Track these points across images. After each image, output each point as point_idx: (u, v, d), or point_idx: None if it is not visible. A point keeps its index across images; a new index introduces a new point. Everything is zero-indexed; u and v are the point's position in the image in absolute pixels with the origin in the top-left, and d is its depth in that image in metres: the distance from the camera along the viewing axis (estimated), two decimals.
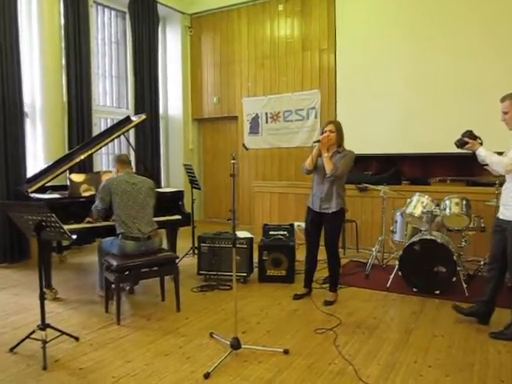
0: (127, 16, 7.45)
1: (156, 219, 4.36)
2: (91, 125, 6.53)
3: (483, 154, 3.28)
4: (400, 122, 6.32)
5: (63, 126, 6.25)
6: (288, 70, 7.39)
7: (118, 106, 7.60)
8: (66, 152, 5.45)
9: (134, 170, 4.20)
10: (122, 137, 4.86)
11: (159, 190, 4.77)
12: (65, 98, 6.25)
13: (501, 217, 3.26)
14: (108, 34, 7.54)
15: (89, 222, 4.02)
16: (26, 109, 5.94)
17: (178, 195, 4.76)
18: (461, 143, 3.43)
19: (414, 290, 4.19)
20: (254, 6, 7.60)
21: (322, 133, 3.94)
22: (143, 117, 4.92)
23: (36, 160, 5.97)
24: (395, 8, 6.30)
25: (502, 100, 3.24)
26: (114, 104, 7.63)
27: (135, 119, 4.89)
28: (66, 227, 3.90)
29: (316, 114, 7.09)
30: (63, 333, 3.17)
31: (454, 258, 4.03)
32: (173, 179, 8.39)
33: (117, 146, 7.54)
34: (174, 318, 3.67)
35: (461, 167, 6.08)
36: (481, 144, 3.38)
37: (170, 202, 4.63)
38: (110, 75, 7.58)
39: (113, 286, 3.61)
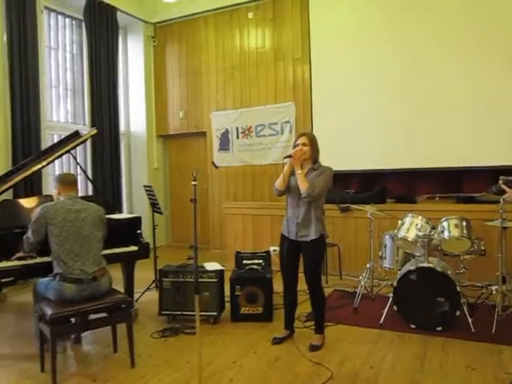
0: (83, 24, 6.79)
1: (107, 252, 3.69)
2: (40, 142, 5.78)
3: None
4: (382, 136, 5.84)
5: (6, 143, 5.48)
6: (260, 82, 6.86)
7: (73, 122, 6.87)
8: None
9: (79, 194, 3.48)
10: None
11: (112, 216, 4.07)
12: (8, 113, 5.49)
13: None
14: (62, 43, 6.85)
15: (20, 259, 3.26)
16: None
17: (135, 222, 4.06)
18: (498, 190, 2.93)
19: (412, 326, 3.62)
20: (222, 13, 7.07)
21: (294, 147, 3.35)
22: (93, 131, 4.25)
23: None
24: (374, 15, 5.87)
25: None
26: (70, 119, 6.91)
27: (85, 134, 4.20)
28: None
29: (291, 129, 6.56)
30: None
31: (457, 288, 3.48)
32: (136, 203, 7.64)
33: (72, 166, 6.79)
34: (127, 377, 2.96)
35: (448, 183, 5.64)
36: None
37: (124, 231, 3.92)
38: (65, 88, 6.88)
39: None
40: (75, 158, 4.26)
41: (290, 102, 6.59)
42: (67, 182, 3.18)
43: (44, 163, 3.93)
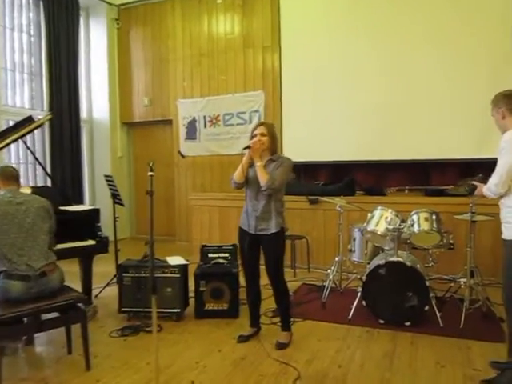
0: (41, 3, 6.38)
1: (63, 246, 3.46)
2: None
3: (486, 192, 2.70)
4: (352, 127, 5.75)
5: None
6: (228, 69, 6.64)
7: (31, 107, 6.47)
8: None
9: (27, 188, 3.21)
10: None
11: (69, 208, 3.82)
12: None
13: (502, 236, 2.68)
14: (19, 24, 6.43)
15: None
16: None
17: (93, 215, 3.82)
18: (471, 188, 2.86)
19: (381, 321, 3.55)
20: None
21: (252, 137, 3.18)
22: (48, 116, 3.99)
23: None
24: (346, 1, 5.74)
25: None
26: (27, 105, 6.51)
27: (39, 119, 3.91)
28: None
29: (260, 118, 6.38)
30: None
31: (426, 283, 3.42)
32: (99, 194, 7.30)
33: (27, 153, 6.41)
34: (81, 381, 2.75)
35: (417, 175, 5.63)
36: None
37: (82, 224, 3.68)
38: (22, 71, 6.46)
39: None
40: (27, 146, 3.95)
41: (259, 91, 6.42)
42: (7, 175, 2.93)
43: None
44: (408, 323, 3.46)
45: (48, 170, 6.45)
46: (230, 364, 2.96)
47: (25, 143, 3.92)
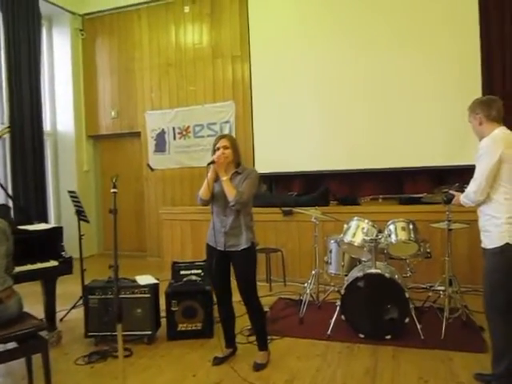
0: None
1: (22, 269, 3.22)
2: None
3: (464, 200, 2.65)
4: (324, 136, 5.71)
5: None
6: (197, 80, 6.51)
7: None
8: None
9: None
10: None
11: (28, 227, 3.57)
12: None
13: (482, 245, 2.62)
14: None
15: None
16: None
17: (55, 234, 3.58)
18: (449, 198, 2.81)
19: (361, 336, 3.44)
20: (156, 6, 6.66)
21: (214, 151, 3.05)
22: (6, 129, 3.73)
23: None
24: (315, 11, 5.72)
25: None
26: None
27: None
28: None
29: (230, 129, 6.27)
30: None
31: (406, 295, 3.34)
32: (65, 210, 6.98)
33: None
34: None
35: (390, 184, 5.63)
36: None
37: (43, 244, 3.44)
38: None
39: None
40: None
41: (230, 101, 6.31)
42: None
43: None
44: (389, 336, 3.37)
45: (9, 185, 6.14)
46: None
47: None
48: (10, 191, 6.11)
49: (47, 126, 7.01)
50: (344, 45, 5.56)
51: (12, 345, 2.67)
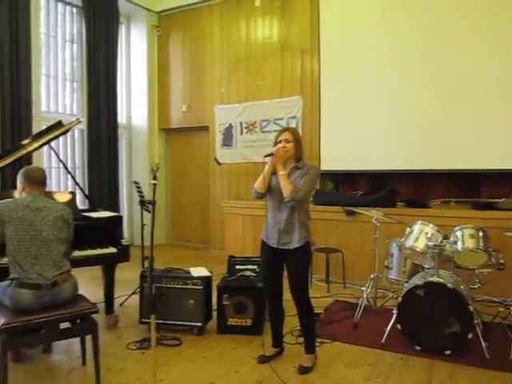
0: (83, 13, 6.50)
1: (83, 254, 3.39)
2: (31, 133, 5.50)
3: None
4: (394, 134, 5.40)
5: None
6: (266, 74, 6.46)
7: (71, 113, 6.58)
8: None
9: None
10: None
11: (91, 214, 3.75)
12: None
13: None
14: (62, 31, 6.59)
15: None
16: None
17: (115, 222, 3.72)
18: None
19: (417, 348, 3.20)
20: (228, 1, 6.70)
21: (276, 143, 2.96)
22: (77, 121, 3.94)
23: None
24: (388, 3, 5.42)
25: None
26: (68, 111, 6.64)
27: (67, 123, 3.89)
28: None
29: (297, 124, 6.15)
30: None
31: (470, 308, 3.05)
32: (137, 199, 7.29)
33: (70, 161, 6.53)
34: None
35: (464, 186, 5.18)
36: None
37: (103, 231, 3.59)
38: (64, 78, 6.61)
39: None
40: (54, 151, 3.93)
41: (297, 96, 6.19)
42: (33, 179, 2.82)
43: (20, 154, 3.63)
44: (448, 352, 3.10)
45: (85, 175, 6.55)
46: None
47: (52, 149, 3.91)
48: (86, 181, 6.52)
49: (123, 119, 7.38)
50: (417, 39, 5.20)
51: (65, 325, 2.82)
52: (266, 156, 2.91)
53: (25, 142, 3.73)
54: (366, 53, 5.55)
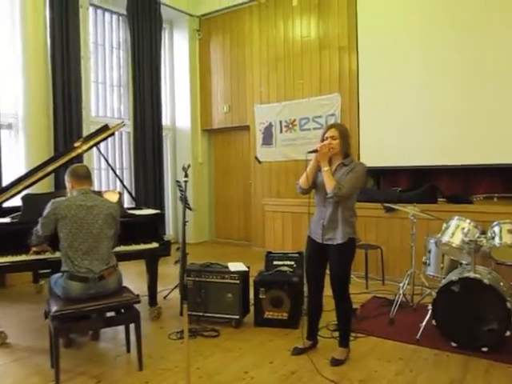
0: (127, 20, 6.82)
1: (128, 249, 3.61)
2: (82, 136, 5.86)
3: None
4: (435, 129, 5.30)
5: (48, 137, 5.63)
6: (304, 73, 6.52)
7: (118, 117, 6.93)
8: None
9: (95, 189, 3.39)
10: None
11: (135, 212, 3.98)
12: (51, 109, 5.62)
13: None
14: (109, 40, 6.95)
15: (36, 253, 3.23)
16: (10, 120, 5.39)
17: (157, 219, 3.93)
18: None
19: (453, 345, 3.18)
20: (266, 2, 6.80)
21: (322, 140, 3.01)
22: (121, 124, 4.19)
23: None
24: None
25: None
26: (115, 115, 6.99)
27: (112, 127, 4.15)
28: (10, 259, 3.27)
29: (336, 121, 6.15)
30: None
31: (508, 305, 2.99)
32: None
33: (117, 162, 6.88)
34: (131, 381, 2.82)
35: (511, 182, 5.01)
36: None
37: (145, 227, 3.81)
38: (111, 84, 6.97)
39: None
40: (100, 152, 4.20)
41: (335, 94, 6.21)
42: (79, 175, 3.06)
43: (71, 156, 3.92)
44: (485, 349, 3.05)
45: (132, 176, 6.87)
46: (279, 378, 2.84)
47: (99, 151, 4.17)
48: (132, 181, 6.85)
49: (167, 121, 7.67)
50: (459, 31, 5.08)
51: (111, 314, 3.04)
52: (310, 152, 2.97)
53: (76, 144, 4.02)
54: (403, 48, 5.49)
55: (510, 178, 4.99)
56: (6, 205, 3.92)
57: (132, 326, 3.03)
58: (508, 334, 2.99)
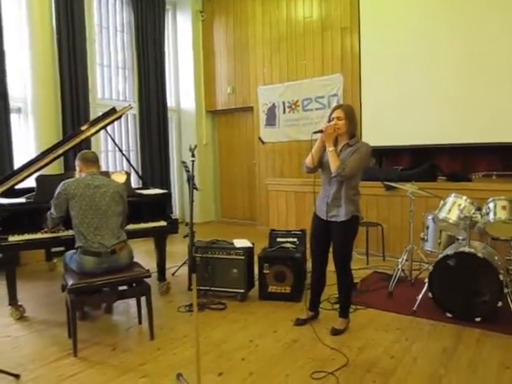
0: (131, 2, 6.86)
1: (138, 226, 3.78)
2: (89, 119, 5.98)
3: None
4: (436, 108, 5.37)
5: (57, 122, 5.76)
6: (307, 53, 6.57)
7: (124, 99, 7.03)
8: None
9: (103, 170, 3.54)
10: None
11: (143, 192, 4.14)
12: (59, 91, 5.74)
13: None
14: (113, 23, 6.99)
15: (47, 232, 3.42)
16: (19, 104, 5.52)
17: (164, 198, 4.08)
18: None
19: (448, 315, 3.34)
20: None
21: (329, 121, 3.12)
22: (129, 106, 4.31)
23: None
24: None
25: None
26: (121, 97, 7.09)
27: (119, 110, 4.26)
28: (26, 237, 3.45)
29: (338, 102, 6.23)
30: None
31: (500, 277, 3.14)
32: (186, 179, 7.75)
33: (124, 144, 7.01)
34: (144, 349, 3.01)
35: (510, 160, 5.10)
36: None
37: (153, 206, 3.97)
38: (116, 66, 7.04)
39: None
40: (110, 135, 4.34)
41: (338, 74, 6.27)
42: (87, 159, 3.23)
43: (82, 136, 4.05)
44: (478, 319, 3.22)
45: (138, 157, 7.01)
46: (282, 346, 3.02)
47: (107, 132, 4.30)
48: (139, 162, 6.99)
49: (172, 102, 7.77)
50: (459, 11, 5.11)
51: (123, 288, 3.22)
52: (315, 133, 3.07)
53: (83, 127, 4.15)
54: (405, 28, 5.52)
55: (508, 156, 5.08)
56: (18, 186, 4.07)
57: (143, 299, 3.22)
58: (500, 304, 3.14)
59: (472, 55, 5.07)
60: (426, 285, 3.45)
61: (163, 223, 3.95)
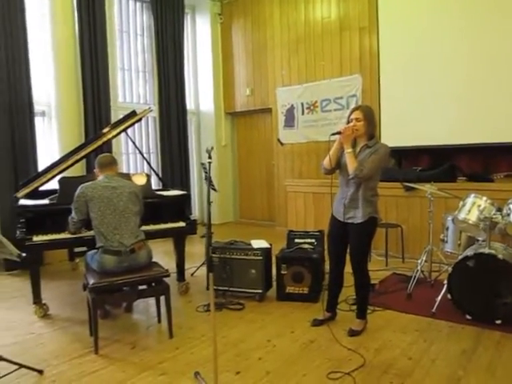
0: (151, 7, 6.98)
1: (157, 227, 3.85)
2: (110, 122, 6.10)
3: None
4: (456, 108, 5.30)
5: (79, 125, 5.90)
6: (325, 54, 6.56)
7: (144, 102, 7.14)
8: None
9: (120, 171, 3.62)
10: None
11: (163, 193, 4.21)
12: (81, 95, 5.88)
13: None
14: (133, 27, 7.12)
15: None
16: (43, 108, 5.68)
17: (183, 199, 4.15)
18: None
19: (468, 317, 3.30)
20: None
21: (348, 122, 3.12)
22: (148, 109, 4.39)
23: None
24: None
25: None
26: (141, 100, 7.20)
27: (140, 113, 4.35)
28: (49, 237, 3.55)
29: (357, 102, 6.20)
30: (21, 366, 2.68)
31: None
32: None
33: (144, 147, 7.12)
34: (162, 348, 3.06)
35: None
36: None
37: (173, 207, 4.03)
38: (137, 70, 7.17)
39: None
40: (129, 137, 4.42)
41: (356, 75, 6.24)
42: (101, 164, 3.33)
43: (101, 141, 4.15)
44: (499, 321, 3.17)
45: (159, 159, 7.11)
46: (299, 346, 3.03)
47: (127, 135, 4.39)
48: (159, 164, 7.09)
49: (191, 105, 7.86)
50: (479, 9, 5.03)
51: (143, 287, 3.28)
52: (333, 134, 3.09)
53: (105, 130, 4.25)
54: (424, 28, 5.46)
55: None
56: (42, 188, 4.19)
57: (162, 298, 3.27)
58: None
59: (493, 52, 4.98)
60: (445, 286, 3.42)
61: (182, 224, 4.01)
